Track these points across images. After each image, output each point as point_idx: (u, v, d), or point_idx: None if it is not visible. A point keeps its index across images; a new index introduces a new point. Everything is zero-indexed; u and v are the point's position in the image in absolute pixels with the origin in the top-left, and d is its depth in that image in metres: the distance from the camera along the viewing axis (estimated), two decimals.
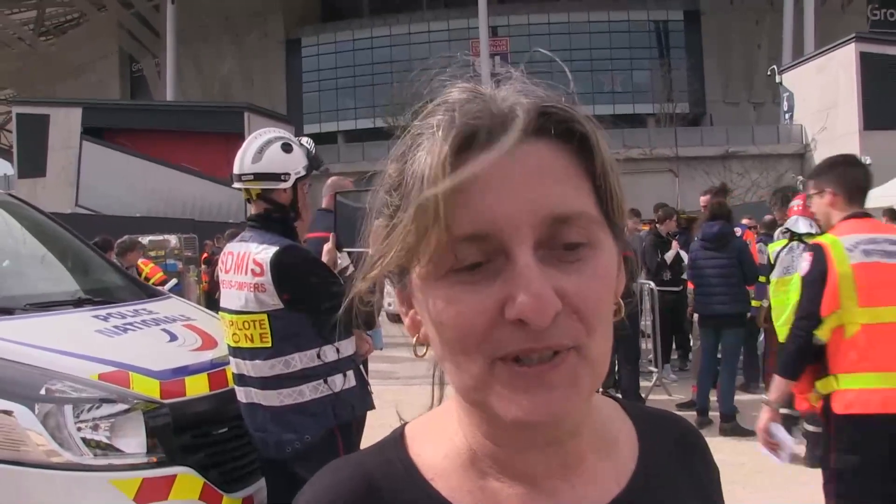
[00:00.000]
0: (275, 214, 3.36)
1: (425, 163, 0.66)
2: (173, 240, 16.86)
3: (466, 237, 0.64)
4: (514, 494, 0.73)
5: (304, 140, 3.56)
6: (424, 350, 0.74)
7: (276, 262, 3.14)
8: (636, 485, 0.77)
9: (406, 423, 0.82)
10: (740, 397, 7.87)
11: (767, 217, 8.45)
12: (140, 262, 10.46)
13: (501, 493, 0.73)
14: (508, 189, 0.64)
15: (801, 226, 6.13)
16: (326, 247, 3.56)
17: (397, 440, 0.79)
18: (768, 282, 6.69)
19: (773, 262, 6.59)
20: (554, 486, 0.73)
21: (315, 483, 0.77)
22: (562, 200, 0.65)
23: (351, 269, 3.60)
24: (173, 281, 11.38)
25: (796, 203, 6.44)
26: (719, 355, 7.36)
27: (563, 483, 0.74)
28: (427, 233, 0.64)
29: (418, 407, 0.83)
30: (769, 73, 42.94)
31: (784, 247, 6.43)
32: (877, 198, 20.36)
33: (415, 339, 0.74)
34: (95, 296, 4.27)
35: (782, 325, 6.00)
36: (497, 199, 0.63)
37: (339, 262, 3.56)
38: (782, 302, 6.09)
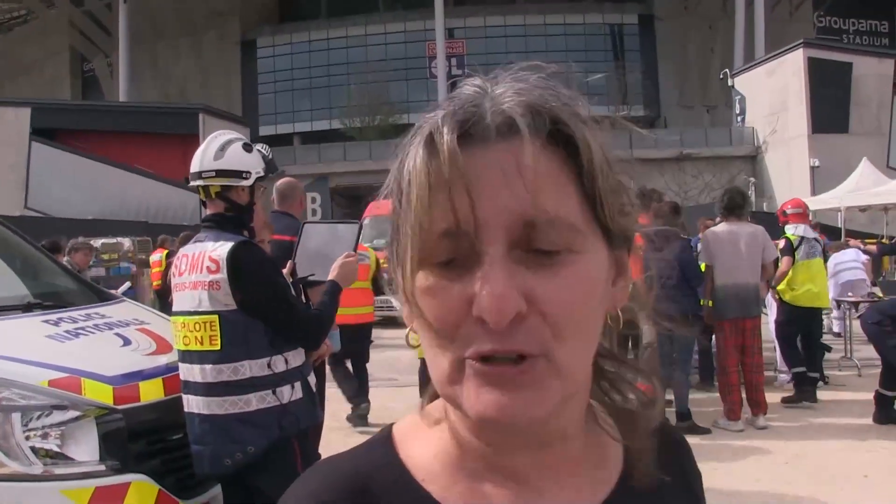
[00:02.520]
0: (230, 214, 3.32)
1: (411, 160, 0.66)
2: (126, 243, 16.61)
3: (441, 233, 0.64)
4: (504, 495, 0.72)
5: (260, 145, 3.55)
6: (418, 341, 0.73)
7: (232, 256, 3.09)
8: (623, 489, 0.77)
9: (394, 423, 0.81)
10: (697, 395, 7.98)
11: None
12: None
13: (492, 494, 0.72)
14: (485, 189, 0.63)
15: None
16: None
17: (386, 440, 0.78)
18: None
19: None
20: (543, 487, 0.73)
21: (304, 484, 0.75)
22: (537, 203, 0.63)
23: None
24: (127, 284, 11.20)
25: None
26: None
27: (553, 485, 0.73)
28: (411, 227, 0.65)
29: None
30: (722, 76, 43.68)
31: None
32: (825, 200, 20.85)
33: (409, 328, 0.73)
34: (45, 300, 4.15)
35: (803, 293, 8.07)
36: (473, 198, 0.63)
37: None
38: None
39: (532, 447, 0.71)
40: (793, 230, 8.26)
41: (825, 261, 8.99)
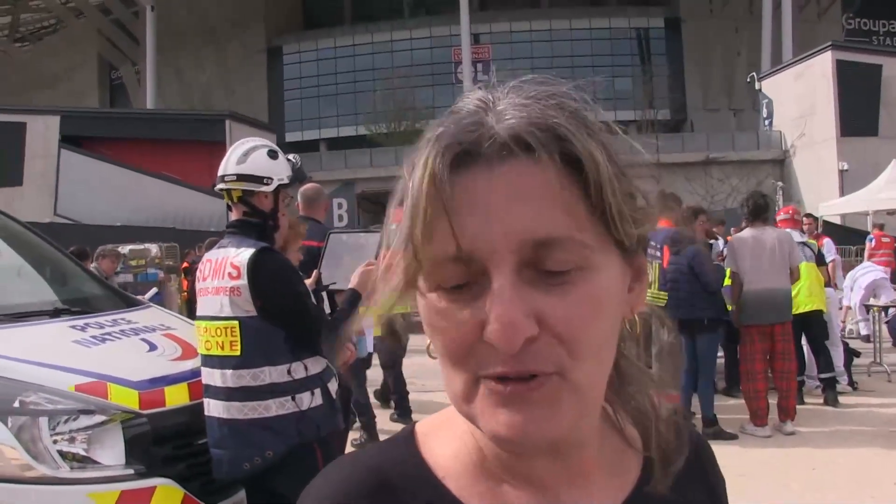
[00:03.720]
0: (254, 220, 3.34)
1: (416, 179, 0.65)
2: (154, 249, 16.72)
3: (450, 258, 0.63)
4: (523, 498, 0.73)
5: (291, 155, 3.57)
6: None
7: (253, 263, 3.12)
8: (640, 493, 0.77)
9: (416, 422, 0.82)
10: (724, 402, 7.91)
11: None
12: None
13: (511, 496, 0.73)
14: (490, 211, 0.62)
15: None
16: (307, 282, 3.56)
17: (408, 438, 0.79)
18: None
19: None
20: (561, 491, 0.73)
21: (325, 478, 0.77)
22: (544, 224, 0.62)
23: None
24: (153, 290, 11.29)
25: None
26: None
27: (571, 489, 0.74)
28: (416, 249, 0.65)
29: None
30: (748, 79, 43.26)
31: None
32: (853, 204, 20.61)
33: (429, 341, 0.73)
34: (73, 306, 4.21)
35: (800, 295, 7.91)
36: (478, 221, 0.62)
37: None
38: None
39: (549, 455, 0.71)
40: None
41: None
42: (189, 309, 11.52)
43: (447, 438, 0.77)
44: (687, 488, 0.80)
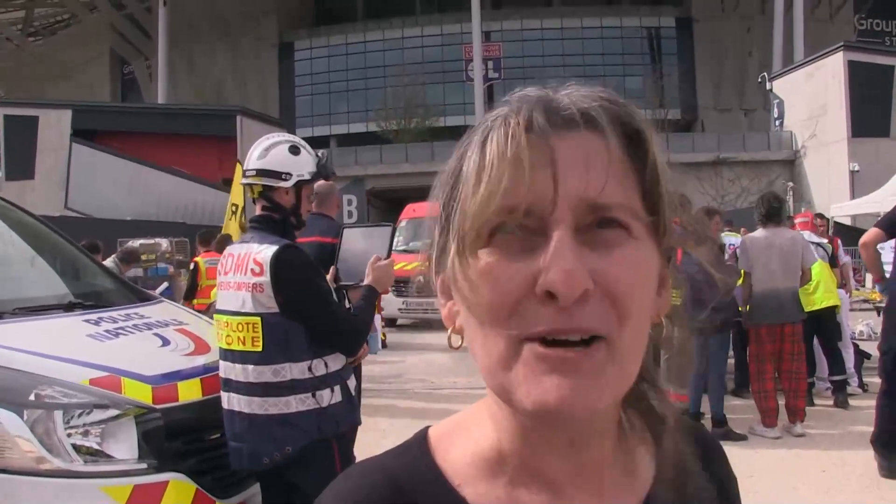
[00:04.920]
0: (276, 216, 3.36)
1: (492, 141, 0.68)
2: (164, 243, 16.80)
3: (512, 209, 0.65)
4: (539, 502, 0.73)
5: (321, 151, 3.57)
6: (460, 342, 0.74)
7: (276, 260, 3.12)
8: (656, 496, 0.77)
9: (429, 427, 0.82)
10: (733, 402, 7.89)
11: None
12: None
13: (527, 501, 0.73)
14: (558, 171, 0.65)
15: None
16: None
17: (422, 443, 0.79)
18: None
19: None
20: (577, 496, 0.73)
21: (339, 486, 0.76)
22: (605, 189, 0.65)
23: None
24: (164, 284, 11.32)
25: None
26: None
27: (587, 493, 0.74)
28: (485, 199, 0.66)
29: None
30: (760, 80, 43.17)
31: None
32: (865, 204, 20.53)
33: (450, 330, 0.75)
34: (86, 300, 4.21)
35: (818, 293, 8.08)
36: (545, 179, 0.65)
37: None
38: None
39: (570, 449, 0.71)
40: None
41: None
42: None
43: (462, 443, 0.77)
44: (699, 489, 0.80)
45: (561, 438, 0.70)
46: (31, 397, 3.00)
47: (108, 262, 10.73)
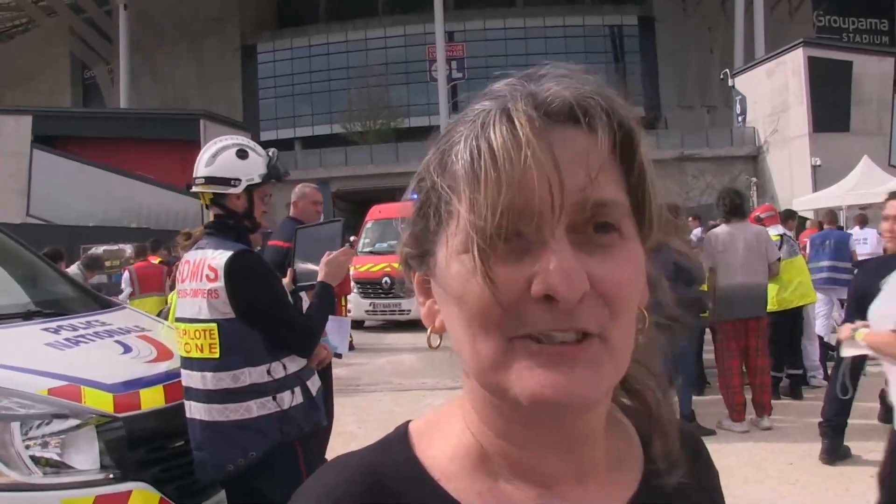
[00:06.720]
0: (229, 221, 3.31)
1: (484, 138, 0.65)
2: (128, 249, 16.56)
3: (509, 210, 0.63)
4: (525, 497, 0.71)
5: (270, 151, 3.51)
6: (439, 341, 0.74)
7: (230, 265, 3.09)
8: (646, 490, 0.77)
9: (409, 421, 0.80)
10: (701, 397, 7.95)
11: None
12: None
13: (513, 496, 0.71)
14: (550, 170, 0.63)
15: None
16: (284, 281, 3.53)
17: (402, 438, 0.77)
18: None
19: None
20: (566, 490, 0.72)
21: (318, 480, 0.75)
22: (598, 187, 0.65)
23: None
24: (128, 290, 11.17)
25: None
26: None
27: (576, 488, 0.73)
28: (481, 199, 0.64)
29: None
30: (722, 77, 43.63)
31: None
32: (826, 199, 20.82)
33: (429, 329, 0.74)
34: (46, 308, 4.14)
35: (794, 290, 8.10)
36: (537, 178, 0.63)
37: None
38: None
39: (561, 448, 0.71)
40: (773, 231, 8.29)
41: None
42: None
43: (443, 438, 0.75)
44: (688, 483, 0.80)
45: (550, 435, 0.70)
46: None
47: (73, 269, 10.58)
